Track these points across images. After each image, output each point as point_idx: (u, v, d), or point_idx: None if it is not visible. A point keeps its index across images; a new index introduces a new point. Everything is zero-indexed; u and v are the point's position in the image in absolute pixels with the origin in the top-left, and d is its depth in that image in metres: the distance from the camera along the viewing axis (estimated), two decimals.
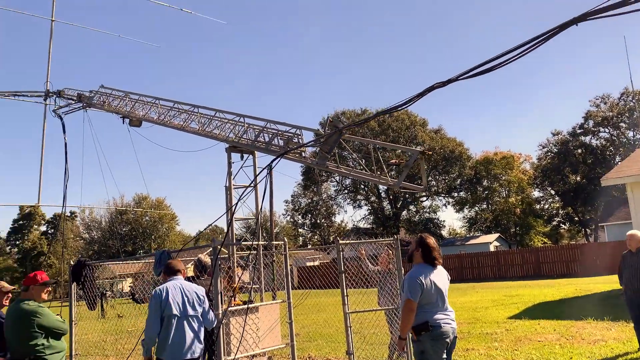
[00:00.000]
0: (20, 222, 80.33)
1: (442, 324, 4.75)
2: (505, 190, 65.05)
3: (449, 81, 3.43)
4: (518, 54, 3.27)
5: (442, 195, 65.36)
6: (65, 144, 13.09)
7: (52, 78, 13.98)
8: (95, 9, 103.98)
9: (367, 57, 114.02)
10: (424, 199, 63.49)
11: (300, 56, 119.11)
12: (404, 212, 64.41)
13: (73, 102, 13.29)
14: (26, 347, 5.16)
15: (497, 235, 56.91)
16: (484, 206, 67.46)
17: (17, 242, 79.87)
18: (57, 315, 5.74)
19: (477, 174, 62.83)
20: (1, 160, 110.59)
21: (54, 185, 56.78)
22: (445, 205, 66.85)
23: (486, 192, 65.30)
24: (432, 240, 5.05)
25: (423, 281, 4.74)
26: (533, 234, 64.62)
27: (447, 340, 4.77)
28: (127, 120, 11.63)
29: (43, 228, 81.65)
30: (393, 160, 7.79)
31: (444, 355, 4.78)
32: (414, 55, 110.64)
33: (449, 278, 5.26)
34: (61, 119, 13.49)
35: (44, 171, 14.18)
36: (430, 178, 60.79)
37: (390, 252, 8.68)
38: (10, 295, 6.54)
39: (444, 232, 69.56)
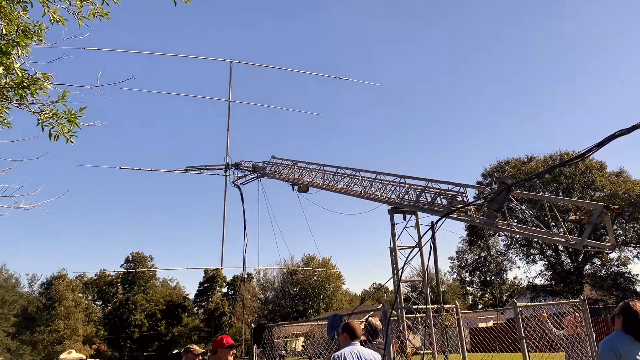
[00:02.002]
0: (205, 284, 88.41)
1: None
2: None
3: (634, 127, 3.10)
4: None
5: (632, 245, 57.58)
6: (244, 211, 14.33)
7: (229, 152, 15.60)
8: (259, 85, 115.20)
9: (526, 97, 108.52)
10: (610, 251, 56.56)
11: (454, 107, 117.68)
12: (587, 266, 57.81)
13: (249, 172, 14.64)
14: None
15: None
16: None
17: (203, 304, 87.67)
18: None
19: None
20: (189, 230, 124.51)
21: (233, 249, 62.00)
22: (637, 257, 58.66)
23: None
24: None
25: (620, 350, 4.15)
26: None
27: None
28: (296, 187, 12.44)
29: (224, 290, 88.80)
30: (573, 217, 7.19)
31: None
32: (578, 93, 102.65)
33: None
34: (239, 189, 14.88)
35: (226, 237, 15.61)
36: (615, 227, 54.26)
37: (576, 314, 7.82)
38: (200, 357, 7.18)
39: (639, 288, 60.72)
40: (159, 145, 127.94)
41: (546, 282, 60.27)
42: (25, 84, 5.46)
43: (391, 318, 6.58)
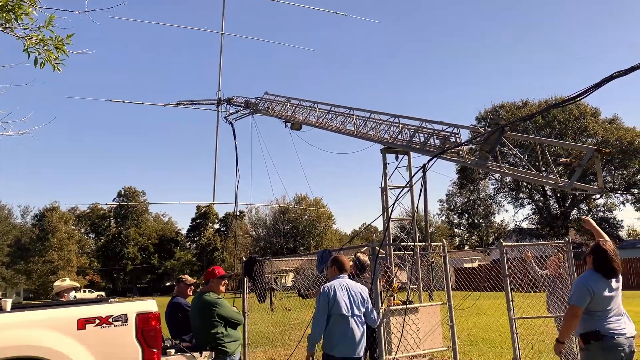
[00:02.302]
0: (198, 220, 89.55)
1: (616, 335, 4.39)
2: None
3: (632, 69, 3.06)
4: None
5: (619, 192, 58.54)
6: (236, 147, 14.25)
7: (222, 87, 15.36)
8: (254, 19, 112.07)
9: (525, 44, 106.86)
10: (598, 196, 57.46)
11: (455, 48, 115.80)
12: (574, 211, 58.91)
13: (241, 108, 14.46)
14: (208, 335, 5.76)
15: None
16: None
17: (195, 239, 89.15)
18: (233, 306, 6.32)
19: None
20: (181, 164, 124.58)
21: (225, 186, 62.33)
22: (622, 203, 59.82)
23: None
24: (609, 248, 4.57)
25: (592, 288, 4.43)
26: None
27: (622, 353, 4.38)
28: (289, 125, 12.35)
29: (217, 226, 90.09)
30: (564, 160, 7.20)
31: None
32: (576, 41, 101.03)
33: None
34: (232, 124, 14.74)
35: (218, 174, 15.64)
36: (604, 173, 54.83)
37: (560, 255, 8.04)
38: (193, 287, 7.37)
39: (622, 233, 62.32)
40: (149, 79, 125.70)
41: (532, 226, 61.58)
42: (9, 7, 5.26)
43: (379, 255, 6.71)
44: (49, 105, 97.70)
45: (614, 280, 4.58)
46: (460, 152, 8.76)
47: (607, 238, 5.04)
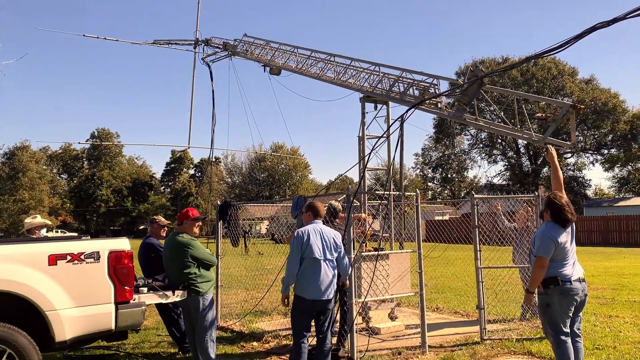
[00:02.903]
0: (172, 165, 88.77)
1: (572, 280, 4.80)
2: None
3: (614, 20, 3.05)
4: None
5: (590, 152, 59.85)
6: (213, 90, 13.95)
7: (200, 28, 14.87)
8: None
9: (509, 2, 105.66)
10: (569, 155, 58.67)
11: (438, 4, 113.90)
12: (545, 169, 60.12)
13: (219, 50, 14.07)
14: (181, 274, 5.80)
15: None
16: (639, 165, 60.60)
17: (170, 183, 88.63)
18: (206, 248, 6.35)
19: (633, 129, 56.18)
20: (156, 107, 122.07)
21: (201, 131, 61.50)
22: (592, 163, 61.31)
23: None
24: (562, 200, 4.93)
25: (556, 237, 4.79)
26: None
27: (576, 297, 4.81)
28: (267, 69, 12.11)
29: (192, 172, 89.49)
30: (539, 114, 7.24)
31: (571, 313, 4.82)
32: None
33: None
34: (209, 66, 14.37)
35: (193, 118, 15.37)
36: (577, 133, 55.75)
37: (529, 209, 8.24)
38: (166, 228, 7.38)
39: (589, 192, 64.17)
40: (125, 17, 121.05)
41: (504, 182, 62.78)
42: None
43: (353, 204, 6.77)
44: (21, 40, 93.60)
45: (569, 228, 4.94)
46: (439, 104, 8.77)
47: (561, 177, 5.28)
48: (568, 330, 4.84)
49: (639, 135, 56.89)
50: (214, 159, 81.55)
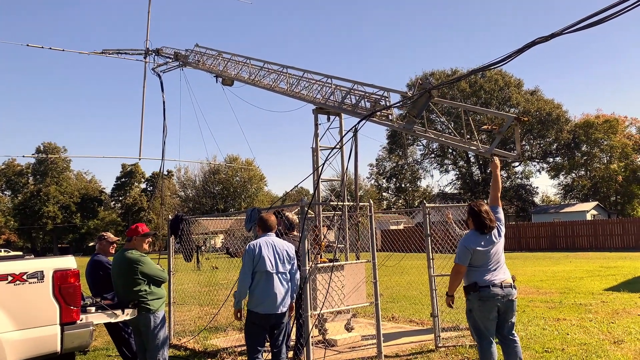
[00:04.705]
0: (123, 179, 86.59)
1: (491, 286, 4.91)
2: (607, 156, 60.46)
3: (552, 36, 3.20)
4: (633, 4, 2.97)
5: (537, 160, 62.22)
6: (164, 101, 13.66)
7: (151, 38, 14.58)
8: None
9: (456, 16, 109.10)
10: (517, 164, 60.74)
11: (389, 16, 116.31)
12: None
13: (170, 60, 13.85)
14: (130, 292, 5.62)
15: (595, 203, 53.43)
16: (582, 173, 63.41)
17: (120, 198, 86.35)
18: (158, 264, 6.19)
19: (575, 139, 58.83)
20: (105, 120, 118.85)
21: (152, 144, 60.29)
22: (539, 171, 63.74)
23: (585, 157, 61.12)
24: (481, 209, 5.12)
25: (472, 247, 4.97)
26: (637, 204, 60.06)
27: (498, 303, 4.93)
28: (220, 80, 12.01)
29: (143, 186, 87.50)
30: (485, 126, 7.48)
31: (493, 318, 4.96)
32: (507, 16, 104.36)
33: (503, 232, 5.28)
34: (159, 77, 14.11)
35: (144, 130, 15.00)
36: (524, 142, 57.82)
37: (450, 215, 8.45)
38: (115, 245, 7.15)
39: (537, 199, 66.50)
40: (71, 25, 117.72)
41: (455, 191, 64.34)
42: None
43: (308, 215, 6.76)
44: None
45: (492, 235, 5.08)
46: (390, 116, 8.91)
47: (499, 187, 5.57)
48: (492, 336, 5.00)
49: (581, 143, 59.63)
50: (166, 172, 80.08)
